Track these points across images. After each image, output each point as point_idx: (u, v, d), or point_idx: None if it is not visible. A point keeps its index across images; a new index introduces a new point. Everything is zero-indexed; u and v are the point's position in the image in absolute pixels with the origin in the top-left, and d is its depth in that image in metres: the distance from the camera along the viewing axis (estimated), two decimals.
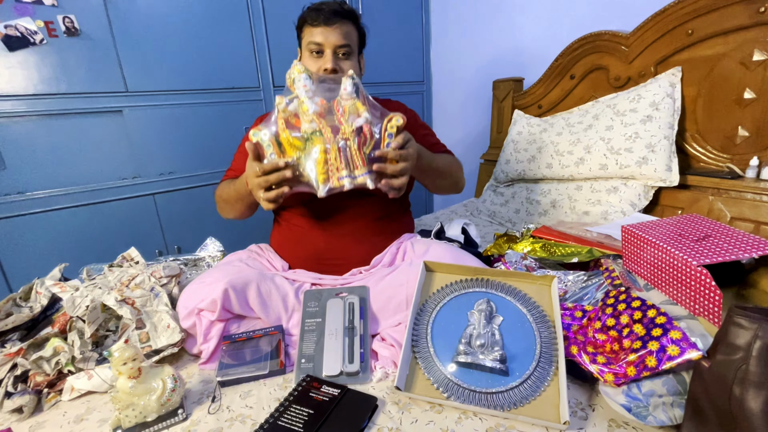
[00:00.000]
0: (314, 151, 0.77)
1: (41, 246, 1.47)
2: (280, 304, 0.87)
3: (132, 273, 0.92)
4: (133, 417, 0.65)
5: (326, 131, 0.77)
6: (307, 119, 0.77)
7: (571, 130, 1.46)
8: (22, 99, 1.37)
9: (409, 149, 0.81)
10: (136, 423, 0.65)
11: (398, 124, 0.78)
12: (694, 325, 0.63)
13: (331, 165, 0.77)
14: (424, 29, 2.33)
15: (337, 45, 0.92)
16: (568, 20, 1.72)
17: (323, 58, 0.93)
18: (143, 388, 0.65)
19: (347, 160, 0.77)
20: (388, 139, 0.79)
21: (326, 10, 0.92)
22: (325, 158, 0.77)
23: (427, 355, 0.71)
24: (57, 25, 1.37)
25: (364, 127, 0.77)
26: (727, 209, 1.18)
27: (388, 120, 0.78)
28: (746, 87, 1.19)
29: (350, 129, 0.76)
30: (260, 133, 0.78)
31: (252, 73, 1.81)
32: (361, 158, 0.77)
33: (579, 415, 0.64)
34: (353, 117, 0.77)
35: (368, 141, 0.78)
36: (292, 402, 0.66)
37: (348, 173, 0.78)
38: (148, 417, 0.66)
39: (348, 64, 0.95)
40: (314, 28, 0.92)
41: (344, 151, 0.77)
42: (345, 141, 0.76)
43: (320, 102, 0.78)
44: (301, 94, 0.77)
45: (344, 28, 0.93)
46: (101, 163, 1.55)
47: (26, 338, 0.83)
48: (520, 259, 0.97)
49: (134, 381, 0.65)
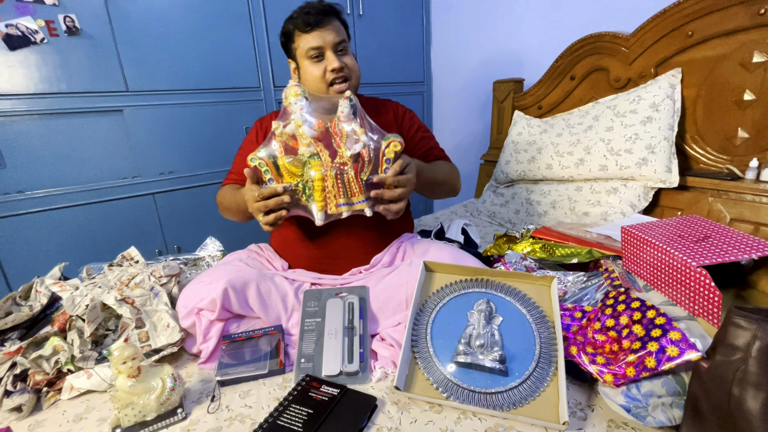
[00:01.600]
0: (312, 176, 0.77)
1: (41, 245, 1.47)
2: (280, 304, 0.87)
3: (132, 272, 0.92)
4: (133, 416, 0.65)
5: (324, 154, 0.78)
6: (304, 142, 0.78)
7: (571, 131, 1.46)
8: (23, 98, 1.37)
9: (408, 174, 0.82)
10: (136, 422, 0.65)
11: (396, 150, 0.79)
12: (693, 326, 0.63)
13: (329, 192, 0.78)
14: (424, 29, 2.34)
15: (335, 43, 0.93)
16: (569, 21, 1.72)
17: (326, 59, 0.93)
18: (142, 387, 0.65)
19: (345, 188, 0.78)
20: (386, 164, 0.80)
21: (314, 12, 0.91)
22: (323, 186, 0.77)
23: (426, 355, 0.71)
24: (58, 25, 1.38)
25: (362, 151, 0.77)
26: (727, 210, 1.18)
27: (386, 145, 0.79)
28: (746, 89, 1.20)
29: (348, 155, 0.77)
30: (257, 157, 0.78)
31: (252, 72, 1.81)
32: (359, 185, 0.79)
33: (578, 415, 0.64)
34: (351, 140, 0.78)
35: (366, 166, 0.79)
36: (292, 402, 0.66)
37: (346, 201, 0.80)
38: (148, 416, 0.66)
39: (348, 58, 0.96)
40: (308, 34, 0.92)
41: (342, 178, 0.77)
42: (343, 167, 0.77)
43: (318, 124, 0.78)
44: (298, 117, 0.78)
45: (335, 25, 0.94)
46: (101, 163, 1.55)
47: (26, 337, 0.83)
48: (519, 259, 0.97)
49: (134, 380, 0.65)
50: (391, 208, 0.82)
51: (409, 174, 0.83)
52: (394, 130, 1.06)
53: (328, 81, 0.94)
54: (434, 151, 1.11)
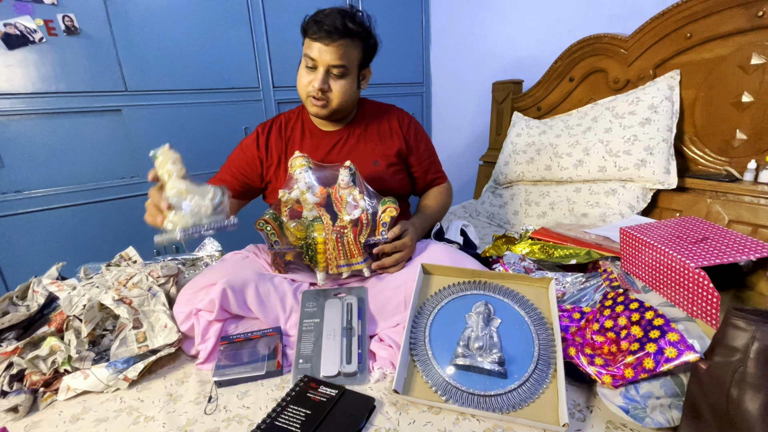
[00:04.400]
0: (314, 239, 0.85)
1: (39, 244, 1.47)
2: (278, 305, 0.86)
3: (130, 272, 0.92)
4: (189, 216, 0.66)
5: (325, 218, 0.86)
6: (308, 207, 0.86)
7: (570, 133, 1.46)
8: (21, 97, 1.37)
9: (405, 239, 0.90)
10: (194, 223, 0.67)
11: (392, 215, 0.87)
12: (691, 327, 0.63)
13: (330, 254, 0.85)
14: (423, 30, 2.34)
15: (330, 65, 0.90)
16: (568, 23, 1.72)
17: (315, 74, 0.92)
18: (198, 190, 0.67)
19: (345, 250, 0.86)
20: (382, 228, 0.88)
21: (327, 25, 0.87)
22: (325, 249, 0.85)
23: (425, 358, 0.71)
24: (56, 24, 1.37)
25: (361, 216, 0.84)
26: (725, 212, 1.19)
27: (382, 210, 0.87)
28: (744, 90, 1.20)
29: (348, 220, 0.84)
30: (264, 221, 0.87)
31: (252, 72, 1.81)
32: (358, 248, 0.86)
33: (577, 416, 0.64)
34: (351, 205, 0.85)
35: (364, 228, 0.86)
36: (290, 402, 0.66)
37: (346, 262, 0.87)
38: (203, 219, 0.68)
39: (339, 84, 0.93)
40: (313, 42, 0.90)
41: (342, 241, 0.84)
42: (343, 231, 0.84)
43: (320, 191, 0.86)
44: (302, 186, 0.85)
45: (343, 47, 0.89)
46: (100, 163, 1.54)
47: (22, 337, 0.83)
48: (518, 260, 0.97)
49: (187, 181, 0.67)
50: (389, 271, 0.90)
51: (406, 238, 0.90)
52: (399, 139, 1.08)
53: (307, 94, 0.95)
54: (433, 168, 1.14)
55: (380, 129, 1.07)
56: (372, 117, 1.08)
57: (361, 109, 1.08)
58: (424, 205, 1.11)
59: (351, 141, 1.05)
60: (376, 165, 1.04)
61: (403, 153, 1.08)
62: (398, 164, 1.07)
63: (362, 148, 1.04)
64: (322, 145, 1.04)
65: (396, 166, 1.06)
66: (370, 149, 1.04)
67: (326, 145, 1.04)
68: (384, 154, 1.05)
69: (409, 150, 1.09)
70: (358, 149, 1.04)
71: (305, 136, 1.06)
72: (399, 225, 0.90)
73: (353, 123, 1.06)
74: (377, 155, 1.04)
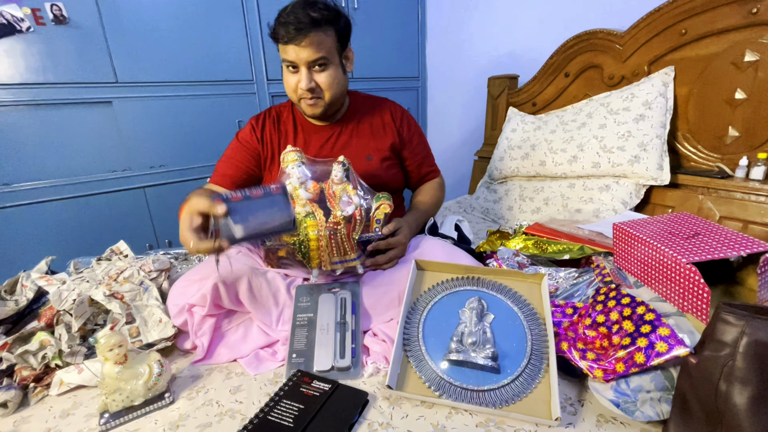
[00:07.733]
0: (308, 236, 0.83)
1: (27, 238, 1.45)
2: (271, 299, 0.86)
3: (120, 266, 0.91)
4: (120, 401, 0.66)
5: (318, 213, 0.84)
6: (300, 203, 0.83)
7: (565, 128, 1.46)
8: (8, 88, 1.34)
9: (399, 236, 0.90)
10: (123, 407, 0.66)
11: (386, 212, 0.86)
12: (682, 322, 0.64)
13: (323, 251, 0.83)
14: (419, 25, 2.32)
15: (309, 61, 0.89)
16: (564, 18, 1.72)
17: (299, 74, 0.91)
18: (130, 373, 0.66)
19: (338, 246, 0.84)
20: (376, 225, 0.87)
21: (293, 23, 0.85)
22: (318, 245, 0.82)
23: (418, 354, 0.71)
24: (44, 13, 1.34)
25: (355, 212, 0.83)
26: (717, 208, 1.20)
27: (376, 207, 0.86)
28: (737, 87, 1.21)
29: (341, 216, 0.82)
30: None
31: (245, 65, 1.79)
32: (351, 244, 0.84)
33: (568, 410, 0.64)
34: (344, 201, 0.84)
35: (358, 225, 0.85)
36: (283, 397, 0.66)
37: (340, 258, 0.85)
38: (135, 401, 0.67)
39: (325, 76, 0.91)
40: (286, 46, 0.88)
41: (336, 238, 0.83)
42: (336, 227, 0.82)
43: (312, 187, 0.84)
44: (295, 182, 0.83)
45: (316, 39, 0.87)
46: (90, 155, 1.52)
47: (11, 332, 0.81)
48: (512, 255, 0.98)
49: (120, 366, 0.66)
50: (383, 267, 0.89)
51: (400, 236, 0.90)
52: (392, 133, 1.07)
53: (298, 97, 0.94)
54: (427, 161, 1.14)
55: (373, 123, 1.06)
56: (364, 111, 1.07)
57: (354, 103, 1.07)
58: (418, 201, 1.11)
59: (344, 136, 1.04)
60: (370, 159, 1.03)
61: (396, 147, 1.07)
62: (392, 158, 1.07)
63: (355, 143, 1.03)
64: (314, 141, 1.03)
65: (390, 161, 1.06)
66: (363, 144, 1.04)
67: (319, 141, 1.03)
68: (377, 149, 1.04)
69: (402, 143, 1.08)
70: (351, 144, 1.03)
71: (298, 131, 1.05)
72: (393, 222, 0.90)
73: (346, 118, 1.05)
74: (370, 149, 1.03)
